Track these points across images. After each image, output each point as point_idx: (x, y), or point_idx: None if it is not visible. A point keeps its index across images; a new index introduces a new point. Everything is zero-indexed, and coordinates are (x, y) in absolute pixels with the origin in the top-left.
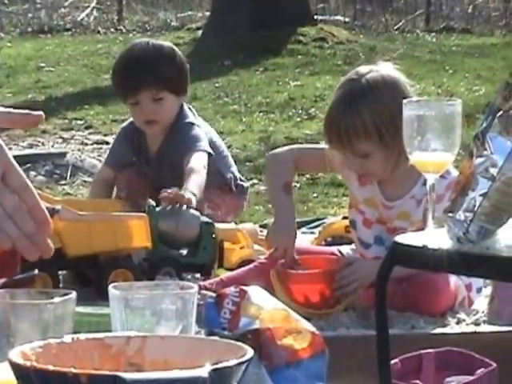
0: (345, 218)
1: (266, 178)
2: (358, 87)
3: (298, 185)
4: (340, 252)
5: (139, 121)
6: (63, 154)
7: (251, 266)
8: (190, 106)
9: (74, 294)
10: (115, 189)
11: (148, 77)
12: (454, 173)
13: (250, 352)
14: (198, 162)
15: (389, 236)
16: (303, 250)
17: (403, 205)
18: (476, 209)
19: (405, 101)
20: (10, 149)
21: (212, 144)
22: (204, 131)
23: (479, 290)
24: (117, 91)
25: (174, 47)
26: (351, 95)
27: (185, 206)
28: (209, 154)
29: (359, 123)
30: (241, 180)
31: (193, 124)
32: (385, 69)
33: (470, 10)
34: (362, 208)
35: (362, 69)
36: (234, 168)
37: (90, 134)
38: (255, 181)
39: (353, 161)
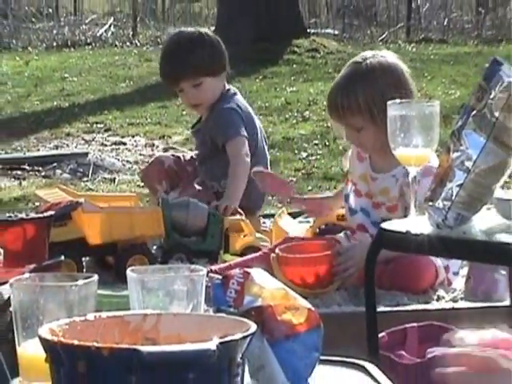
0: None
1: None
2: (358, 70)
3: (295, 179)
4: (336, 240)
5: (186, 105)
6: (85, 154)
7: (256, 254)
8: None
9: (95, 278)
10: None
11: (183, 68)
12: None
13: (253, 327)
14: (239, 150)
15: (373, 210)
16: (300, 239)
17: (385, 180)
18: (453, 198)
19: (389, 102)
20: (38, 150)
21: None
22: (245, 115)
23: (456, 273)
24: (163, 81)
25: (205, 31)
26: (351, 76)
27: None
28: (246, 137)
29: (353, 102)
30: None
31: (232, 109)
32: (386, 56)
33: (445, 23)
34: (356, 181)
35: (367, 53)
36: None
37: (109, 136)
38: None
39: (350, 133)
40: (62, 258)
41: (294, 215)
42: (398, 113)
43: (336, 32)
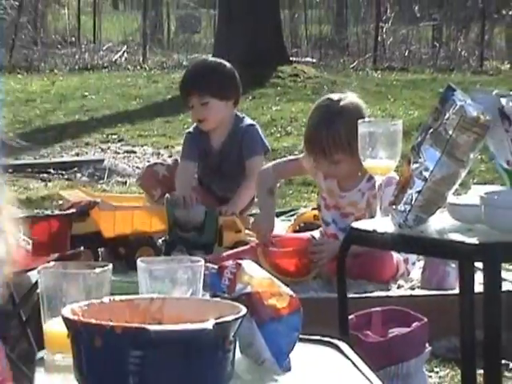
0: (313, 209)
1: (256, 186)
2: (334, 112)
3: (278, 184)
4: (312, 236)
5: (194, 119)
6: (102, 161)
7: (245, 247)
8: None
9: (110, 266)
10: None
11: (193, 87)
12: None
13: (243, 310)
14: (257, 169)
15: (341, 219)
16: (284, 236)
17: (352, 196)
18: (413, 202)
19: (360, 121)
20: (62, 156)
21: None
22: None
23: (413, 264)
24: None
25: (224, 63)
26: (329, 119)
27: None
28: (265, 151)
29: (337, 138)
30: None
31: (252, 125)
32: (351, 97)
33: (406, 54)
34: (325, 195)
35: (334, 96)
36: None
37: (121, 145)
38: None
39: (323, 164)
40: (82, 248)
41: (277, 215)
42: (367, 130)
43: (314, 60)
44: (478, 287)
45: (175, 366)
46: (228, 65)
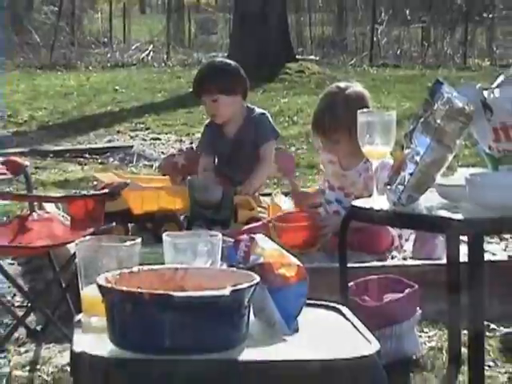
0: None
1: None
2: (339, 99)
3: None
4: (317, 213)
5: (208, 114)
6: (131, 147)
7: (258, 223)
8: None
9: (139, 240)
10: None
11: (204, 86)
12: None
13: (257, 278)
14: (271, 154)
15: (344, 198)
16: (292, 213)
17: (352, 175)
18: (405, 183)
19: (359, 111)
20: (96, 143)
21: None
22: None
23: (407, 240)
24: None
25: (227, 62)
26: (333, 104)
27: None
28: (276, 136)
29: (337, 122)
30: None
31: (263, 114)
32: (355, 87)
33: (398, 52)
34: (329, 178)
35: (342, 84)
36: None
37: (148, 133)
38: None
39: (329, 145)
40: (114, 224)
41: (286, 194)
42: (365, 119)
43: (317, 58)
44: (463, 257)
45: (196, 328)
46: (233, 63)
